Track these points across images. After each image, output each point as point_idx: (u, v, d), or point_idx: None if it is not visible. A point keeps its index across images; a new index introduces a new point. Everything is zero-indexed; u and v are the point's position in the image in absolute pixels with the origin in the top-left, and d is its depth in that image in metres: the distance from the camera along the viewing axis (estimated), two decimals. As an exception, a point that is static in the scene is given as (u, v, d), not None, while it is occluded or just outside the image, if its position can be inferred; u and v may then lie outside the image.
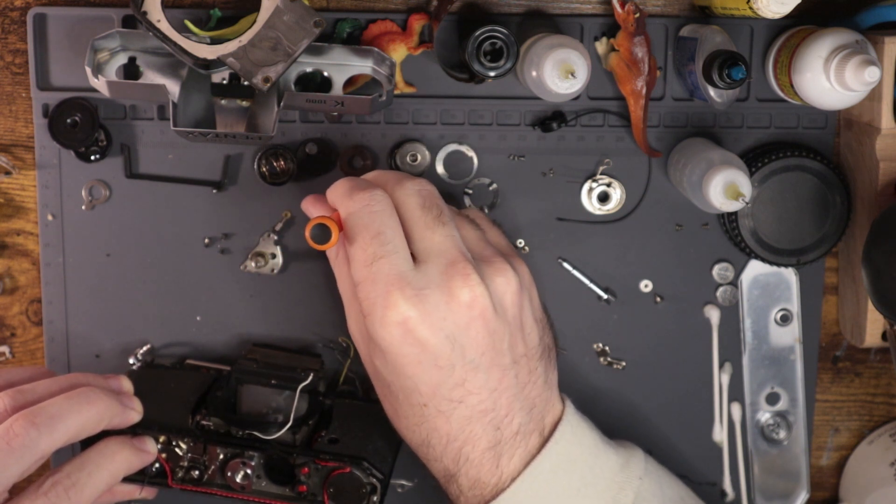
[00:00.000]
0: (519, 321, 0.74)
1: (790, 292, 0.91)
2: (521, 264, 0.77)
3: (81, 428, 0.72)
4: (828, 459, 0.95)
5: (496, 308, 0.72)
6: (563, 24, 0.86)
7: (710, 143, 0.86)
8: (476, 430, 0.73)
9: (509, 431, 0.74)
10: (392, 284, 0.70)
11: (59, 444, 0.71)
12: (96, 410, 0.73)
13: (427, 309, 0.70)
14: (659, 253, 0.90)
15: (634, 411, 0.91)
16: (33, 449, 0.69)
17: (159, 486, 0.81)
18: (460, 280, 0.71)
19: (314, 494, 0.79)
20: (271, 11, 0.75)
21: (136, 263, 0.88)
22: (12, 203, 0.88)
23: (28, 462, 0.69)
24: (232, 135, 0.79)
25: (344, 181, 0.76)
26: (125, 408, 0.77)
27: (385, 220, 0.73)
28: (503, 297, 0.73)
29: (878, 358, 0.93)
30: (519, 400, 0.74)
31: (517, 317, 0.74)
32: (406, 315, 0.70)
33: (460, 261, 0.72)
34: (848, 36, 0.79)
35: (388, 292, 0.70)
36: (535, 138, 0.88)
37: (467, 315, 0.71)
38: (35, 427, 0.69)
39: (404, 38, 0.84)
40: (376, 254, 0.71)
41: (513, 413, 0.74)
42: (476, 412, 0.73)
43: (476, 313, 0.71)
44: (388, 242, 0.72)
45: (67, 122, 0.83)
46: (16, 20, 0.85)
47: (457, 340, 0.71)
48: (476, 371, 0.72)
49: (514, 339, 0.74)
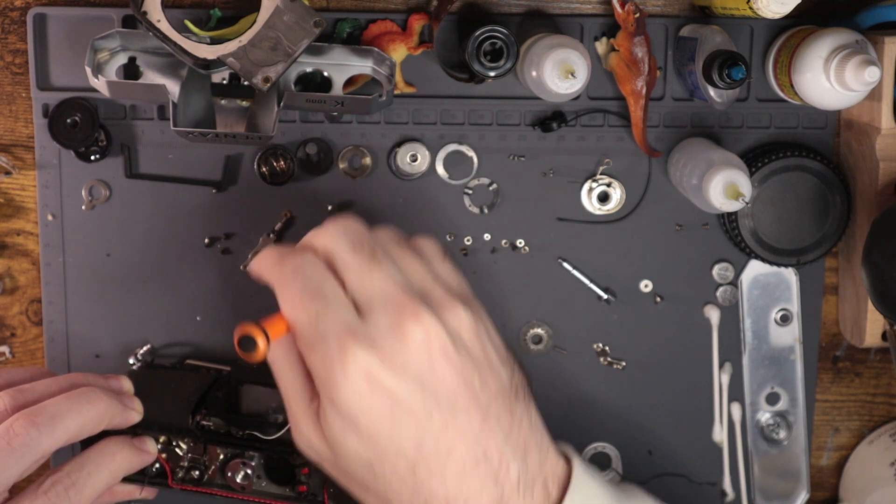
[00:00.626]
0: (484, 357, 0.69)
1: (790, 292, 0.91)
2: (472, 303, 0.71)
3: (82, 428, 0.72)
4: (828, 459, 0.95)
5: (456, 345, 0.67)
6: (563, 24, 0.86)
7: (710, 143, 0.86)
8: (474, 486, 0.68)
9: (509, 484, 0.68)
10: (344, 336, 0.65)
11: (59, 444, 0.71)
12: (97, 410, 0.73)
13: (386, 356, 0.65)
14: (659, 253, 0.90)
15: (634, 411, 0.91)
16: (33, 448, 0.69)
17: (159, 486, 0.81)
18: (411, 320, 0.66)
19: (314, 494, 0.79)
20: (271, 11, 0.75)
21: (136, 263, 0.88)
22: (12, 203, 0.88)
23: (28, 462, 0.69)
24: (232, 135, 0.79)
25: (270, 250, 0.70)
26: (125, 408, 0.77)
27: (319, 276, 0.67)
28: (460, 334, 0.68)
29: (878, 358, 0.93)
30: (509, 445, 0.69)
31: (481, 353, 0.69)
32: (367, 364, 0.64)
33: (406, 301, 0.66)
34: (848, 36, 0.79)
35: (343, 345, 0.65)
36: (535, 138, 0.88)
37: (427, 355, 0.66)
38: (35, 426, 0.69)
39: (404, 38, 0.84)
40: (318, 311, 0.66)
41: (506, 461, 0.68)
42: (469, 464, 0.67)
43: (436, 351, 0.66)
44: (327, 296, 0.66)
45: (67, 122, 0.83)
46: (16, 20, 0.85)
47: (426, 383, 0.66)
48: (455, 414, 0.67)
49: (483, 376, 0.68)
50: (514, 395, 0.70)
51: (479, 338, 0.69)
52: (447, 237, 0.88)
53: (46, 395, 0.73)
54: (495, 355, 0.70)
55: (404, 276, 0.69)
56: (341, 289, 0.67)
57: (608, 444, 0.92)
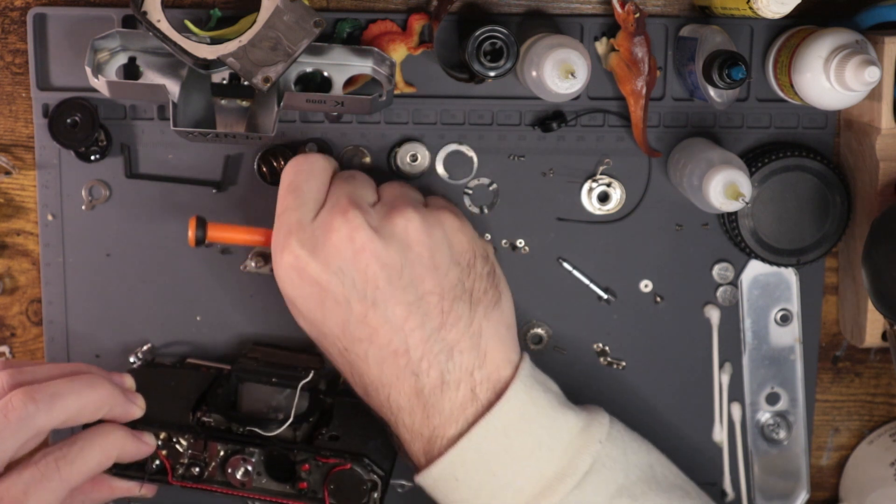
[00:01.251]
0: (428, 258, 0.75)
1: (790, 292, 0.91)
2: (443, 212, 0.78)
3: (81, 409, 0.72)
4: (828, 459, 0.95)
5: (388, 242, 0.74)
6: (563, 24, 0.86)
7: (710, 143, 0.86)
8: (393, 372, 0.75)
9: (430, 379, 0.75)
10: (291, 232, 0.74)
11: (56, 423, 0.70)
12: (97, 395, 0.73)
13: (316, 248, 0.74)
14: (659, 253, 0.90)
15: (634, 411, 0.91)
16: (30, 423, 0.69)
17: (159, 482, 0.81)
18: (339, 217, 0.74)
19: (314, 491, 0.79)
20: (271, 11, 0.75)
21: (136, 263, 0.88)
22: (12, 203, 0.88)
23: (24, 436, 0.69)
24: (232, 135, 0.79)
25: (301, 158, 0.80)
26: (127, 400, 0.76)
27: (306, 178, 0.77)
28: (404, 234, 0.75)
29: (878, 358, 0.93)
30: (435, 342, 0.75)
31: (423, 253, 0.75)
32: (297, 255, 0.74)
33: (343, 202, 0.75)
34: (848, 36, 0.79)
35: (287, 238, 0.74)
36: (535, 138, 0.88)
37: (350, 248, 0.73)
38: (34, 402, 0.69)
39: (404, 38, 0.84)
40: (287, 206, 0.76)
41: (430, 357, 0.75)
42: (388, 353, 0.75)
43: (359, 245, 0.73)
44: (300, 197, 0.76)
45: (67, 122, 0.83)
46: (16, 20, 0.85)
47: (346, 274, 0.74)
48: (374, 306, 0.74)
49: (418, 272, 0.75)
50: (460, 296, 0.76)
51: (426, 238, 0.75)
52: (447, 237, 0.88)
53: (47, 378, 0.73)
54: (446, 257, 0.76)
55: (381, 192, 0.79)
56: (318, 195, 0.76)
57: (608, 444, 0.92)
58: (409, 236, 0.75)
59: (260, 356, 0.85)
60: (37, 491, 0.70)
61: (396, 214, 0.75)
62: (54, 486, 0.71)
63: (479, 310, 0.77)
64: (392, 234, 0.75)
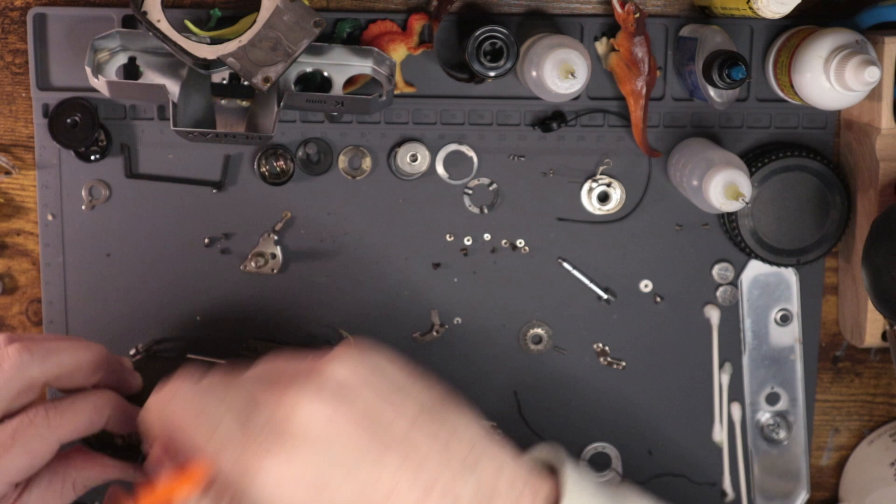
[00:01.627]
0: (378, 397, 0.62)
1: (790, 292, 0.91)
2: (346, 353, 0.64)
3: (75, 366, 0.71)
4: (828, 459, 0.95)
5: (340, 401, 0.61)
6: (563, 24, 0.86)
7: (710, 143, 0.86)
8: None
9: (466, 501, 0.61)
10: (234, 453, 0.60)
11: (50, 375, 0.70)
12: (93, 355, 0.72)
13: (279, 452, 0.60)
14: (659, 253, 0.90)
15: (634, 411, 0.91)
16: (23, 372, 0.68)
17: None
18: (283, 407, 0.61)
19: None
20: (271, 11, 0.75)
21: (136, 263, 0.88)
22: (12, 203, 0.88)
23: (17, 385, 0.68)
24: (232, 135, 0.79)
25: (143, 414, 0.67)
26: (125, 368, 0.76)
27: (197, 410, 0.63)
28: (341, 389, 0.62)
29: (878, 358, 0.93)
30: (450, 464, 0.61)
31: (373, 395, 0.62)
32: (268, 469, 0.60)
33: (265, 396, 0.61)
34: (848, 36, 0.79)
35: (239, 464, 0.60)
36: (535, 138, 0.88)
37: (315, 427, 0.60)
38: (28, 352, 0.69)
39: (404, 38, 0.84)
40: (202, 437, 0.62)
41: (453, 481, 0.61)
42: (415, 502, 0.61)
43: (321, 420, 0.60)
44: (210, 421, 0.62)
45: (67, 122, 0.83)
46: (16, 20, 0.85)
47: (327, 454, 0.60)
48: (373, 466, 0.61)
49: (386, 415, 0.62)
50: (438, 410, 0.63)
51: (365, 382, 0.62)
52: (447, 237, 0.88)
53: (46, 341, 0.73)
54: (393, 387, 0.63)
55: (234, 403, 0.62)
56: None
57: (608, 444, 0.92)
58: (350, 387, 0.62)
59: (259, 349, 0.85)
60: (24, 436, 0.68)
61: (318, 378, 0.62)
62: (42, 432, 0.69)
63: (464, 413, 0.63)
64: (335, 394, 0.61)
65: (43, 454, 0.69)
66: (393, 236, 0.88)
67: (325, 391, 0.61)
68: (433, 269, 0.89)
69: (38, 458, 0.69)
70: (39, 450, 0.69)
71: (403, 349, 0.90)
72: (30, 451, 0.68)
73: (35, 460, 0.69)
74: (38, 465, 0.69)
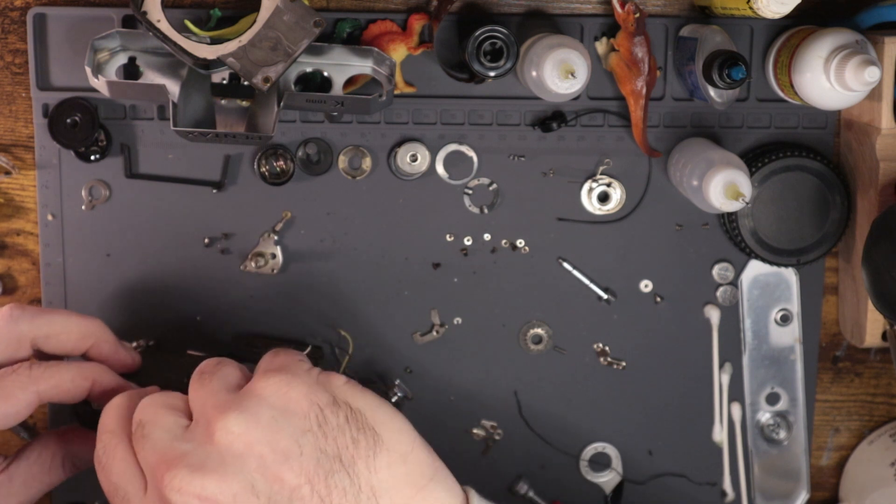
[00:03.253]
0: (271, 452, 0.63)
1: (790, 292, 0.91)
2: (258, 383, 0.66)
3: (65, 329, 0.73)
4: (828, 459, 0.95)
5: (222, 471, 0.62)
6: (563, 24, 0.86)
7: (710, 143, 0.86)
8: None
9: None
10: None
11: (39, 333, 0.72)
12: (88, 325, 0.74)
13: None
14: (659, 253, 0.90)
15: (634, 411, 0.91)
16: (12, 327, 0.71)
17: None
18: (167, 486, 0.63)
19: None
20: (271, 11, 0.75)
21: (136, 263, 0.88)
22: (12, 203, 0.88)
23: (4, 336, 0.71)
24: (232, 135, 0.79)
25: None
26: (119, 342, 0.76)
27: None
28: (232, 447, 0.63)
29: (878, 358, 0.93)
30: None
31: (264, 452, 0.63)
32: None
33: (162, 466, 0.63)
34: (848, 36, 0.79)
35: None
36: (535, 138, 0.88)
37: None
38: (20, 308, 0.71)
39: (404, 38, 0.84)
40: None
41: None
42: None
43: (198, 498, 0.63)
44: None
45: (67, 122, 0.83)
46: (16, 20, 0.85)
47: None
48: None
49: (271, 478, 0.62)
50: (331, 467, 0.63)
51: (257, 431, 0.63)
52: (447, 237, 0.88)
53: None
54: (289, 434, 0.63)
55: (169, 418, 0.66)
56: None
57: (608, 444, 0.92)
58: (238, 446, 0.62)
59: (260, 345, 0.85)
60: (4, 384, 0.69)
61: (214, 430, 0.63)
62: (23, 380, 0.69)
63: (358, 467, 0.63)
64: (222, 459, 0.62)
65: (20, 402, 0.69)
66: (393, 236, 0.88)
67: (220, 465, 0.62)
68: (433, 269, 0.89)
69: (14, 406, 0.69)
70: (18, 397, 0.69)
71: (403, 349, 0.90)
72: (7, 397, 0.69)
73: (11, 407, 0.69)
74: (13, 412, 0.69)
